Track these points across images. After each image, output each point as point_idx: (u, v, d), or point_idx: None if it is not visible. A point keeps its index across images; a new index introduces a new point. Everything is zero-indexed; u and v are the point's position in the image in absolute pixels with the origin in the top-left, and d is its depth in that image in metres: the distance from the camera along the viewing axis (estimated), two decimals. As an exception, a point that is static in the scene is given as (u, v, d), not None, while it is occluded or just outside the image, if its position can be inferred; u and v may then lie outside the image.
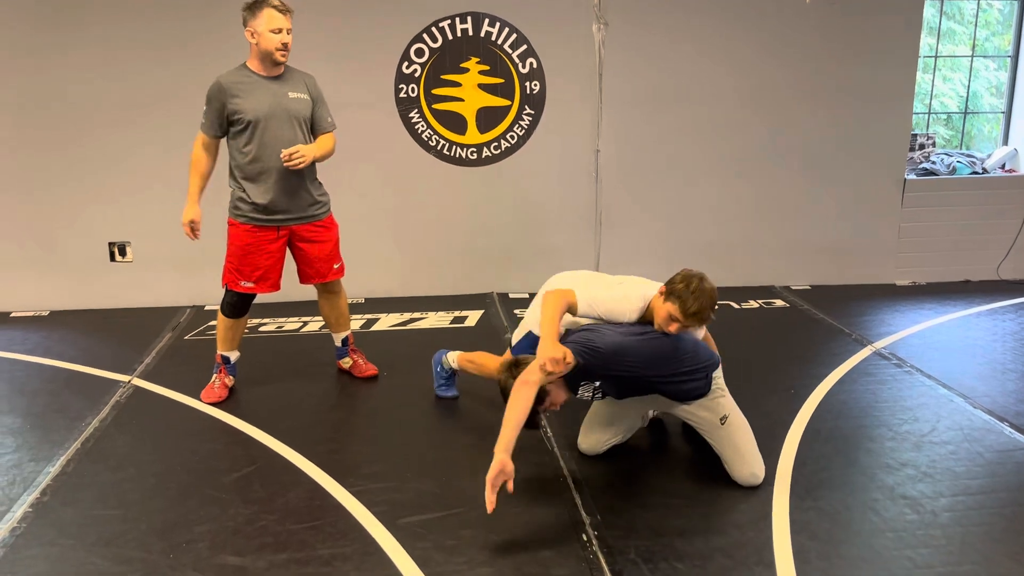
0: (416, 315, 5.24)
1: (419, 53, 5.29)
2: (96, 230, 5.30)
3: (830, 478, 3.19)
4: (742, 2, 5.43)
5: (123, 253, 5.35)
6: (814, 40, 5.54)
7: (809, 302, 5.48)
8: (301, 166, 3.66)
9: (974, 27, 6.33)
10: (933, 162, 6.01)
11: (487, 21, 5.28)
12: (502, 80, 5.38)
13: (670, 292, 3.01)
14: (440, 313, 5.28)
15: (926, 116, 6.37)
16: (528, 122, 5.48)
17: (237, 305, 3.91)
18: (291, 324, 5.06)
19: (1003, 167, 6.10)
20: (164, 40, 5.09)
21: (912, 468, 3.26)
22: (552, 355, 2.84)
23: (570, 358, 2.87)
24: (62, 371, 4.32)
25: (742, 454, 3.12)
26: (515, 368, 2.94)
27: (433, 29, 5.27)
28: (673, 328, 3.00)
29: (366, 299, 5.52)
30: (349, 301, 5.44)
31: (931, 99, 6.33)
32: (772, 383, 4.10)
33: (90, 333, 4.92)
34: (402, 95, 5.34)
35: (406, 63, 5.29)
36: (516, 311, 5.30)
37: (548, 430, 3.59)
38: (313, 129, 3.84)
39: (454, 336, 4.86)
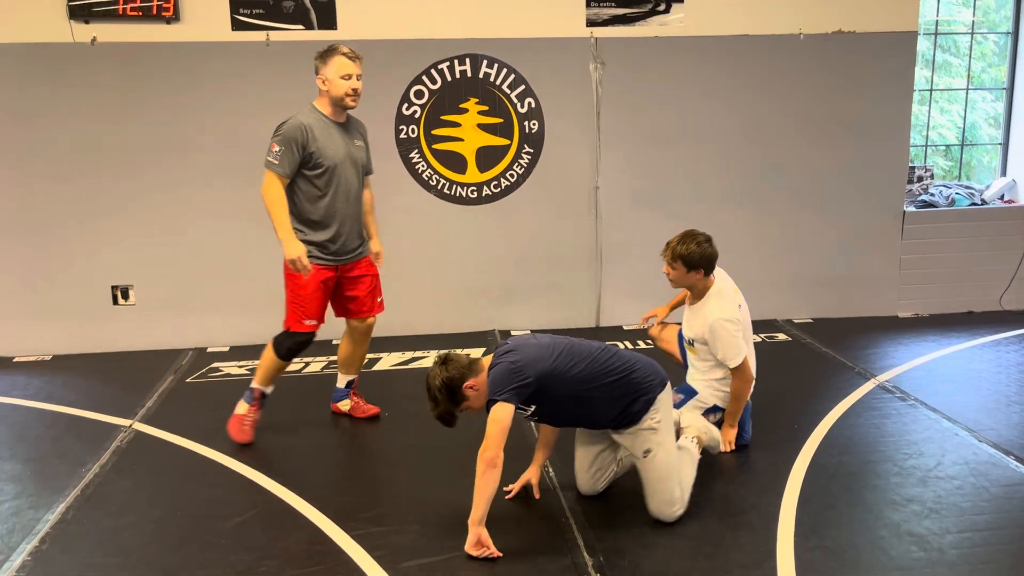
0: (418, 354, 5.24)
1: (419, 95, 5.35)
2: (99, 273, 5.32)
3: (836, 516, 3.16)
4: (737, 38, 5.49)
5: (126, 296, 5.37)
6: (810, 75, 5.59)
7: (812, 335, 5.46)
8: None
9: (968, 60, 6.39)
10: (932, 194, 6.03)
11: (485, 62, 5.35)
12: (501, 120, 5.43)
13: None
14: (442, 351, 5.26)
15: (925, 148, 6.40)
16: (527, 160, 5.52)
17: (299, 349, 3.85)
18: (293, 365, 5.04)
19: (1002, 198, 6.12)
20: (167, 87, 5.15)
21: (918, 504, 3.23)
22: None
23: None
24: (63, 416, 4.31)
25: (652, 492, 3.09)
26: (444, 365, 2.97)
27: (432, 71, 5.33)
28: (664, 268, 3.66)
29: (368, 339, 5.51)
30: (351, 340, 5.47)
31: (928, 131, 6.36)
32: (775, 419, 4.07)
33: (92, 377, 4.92)
34: (402, 136, 5.39)
35: (406, 105, 5.35)
36: (518, 349, 5.28)
37: (550, 470, 3.57)
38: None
39: (456, 375, 4.84)
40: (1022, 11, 6.06)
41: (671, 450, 3.12)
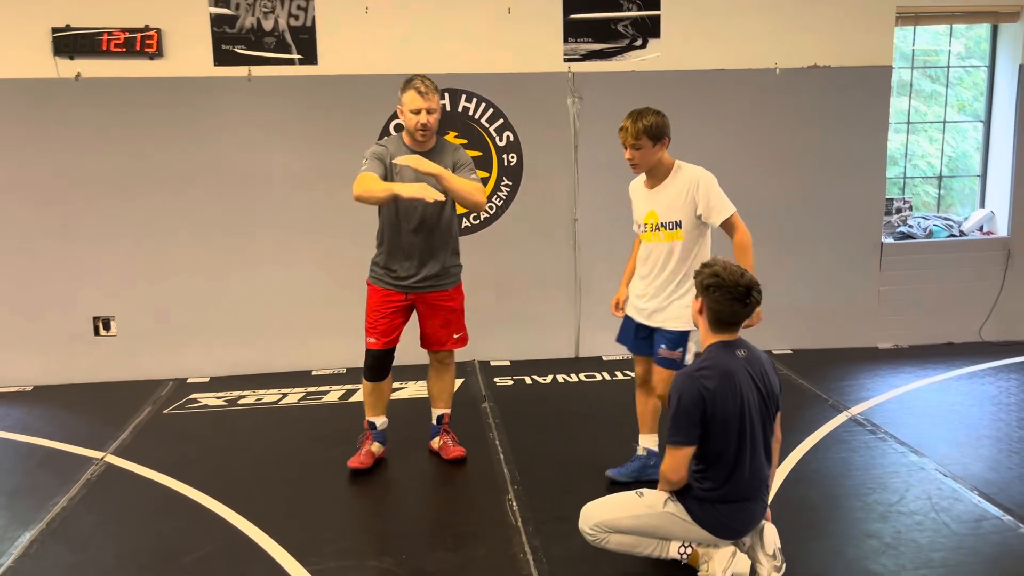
0: (396, 385, 5.22)
1: (399, 128, 5.42)
2: (81, 305, 5.37)
3: (795, 551, 3.15)
4: (713, 73, 5.57)
5: (107, 327, 5.41)
6: (786, 109, 5.66)
7: (789, 367, 5.47)
8: (422, 168, 3.63)
9: (945, 91, 6.44)
10: (910, 226, 6.07)
11: (464, 97, 5.42)
12: (480, 153, 5.49)
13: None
14: (420, 382, 5.28)
15: (910, 178, 6.43)
16: (506, 193, 5.57)
17: (373, 367, 3.95)
18: (270, 396, 5.09)
19: (981, 229, 6.15)
20: (150, 121, 5.23)
21: (876, 540, 3.24)
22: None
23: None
24: (38, 448, 4.34)
25: (607, 498, 3.05)
26: (746, 282, 2.83)
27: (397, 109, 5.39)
28: (627, 155, 3.59)
29: (347, 369, 5.54)
30: (331, 371, 5.51)
31: (906, 162, 6.40)
32: (744, 452, 4.08)
33: (71, 408, 4.95)
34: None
35: (386, 138, 5.41)
36: (496, 379, 5.32)
37: (514, 504, 3.58)
38: None
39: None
40: (998, 45, 6.12)
41: (637, 515, 2.92)
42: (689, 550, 2.94)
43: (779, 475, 3.83)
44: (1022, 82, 5.89)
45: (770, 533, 3.00)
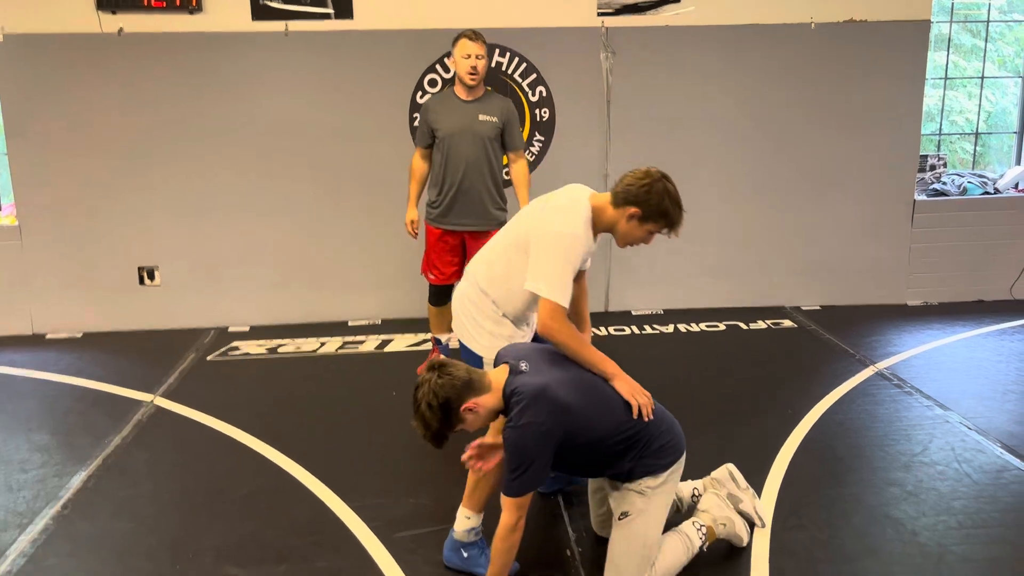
0: (422, 336, 5.39)
1: (432, 83, 5.48)
2: (127, 255, 5.55)
3: (817, 498, 3.27)
4: (748, 28, 5.54)
5: (152, 277, 5.60)
6: (821, 64, 5.62)
7: (817, 323, 5.53)
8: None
9: (984, 46, 6.35)
10: (944, 183, 6.04)
11: (497, 52, 5.46)
12: (513, 108, 5.54)
13: (645, 215, 2.70)
14: (452, 333, 5.42)
15: (946, 135, 6.37)
16: (538, 148, 5.63)
17: (434, 294, 4.53)
18: (309, 345, 5.25)
19: (1016, 186, 6.10)
20: (191, 75, 5.34)
21: (898, 488, 3.33)
22: (637, 391, 2.64)
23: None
24: (91, 391, 4.55)
25: (609, 559, 2.67)
26: (440, 369, 2.49)
27: (446, 60, 5.45)
28: (652, 240, 2.81)
29: (382, 320, 5.69)
30: (366, 322, 5.68)
31: (942, 118, 6.34)
32: (770, 403, 4.18)
33: (119, 354, 5.15)
34: (416, 123, 5.52)
35: (420, 92, 5.49)
36: (527, 332, 5.43)
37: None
38: (505, 147, 4.41)
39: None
40: (1040, -2, 6.02)
41: (651, 523, 2.65)
42: (704, 530, 2.85)
43: (803, 426, 3.93)
44: (1064, 37, 5.80)
45: (734, 471, 3.10)
